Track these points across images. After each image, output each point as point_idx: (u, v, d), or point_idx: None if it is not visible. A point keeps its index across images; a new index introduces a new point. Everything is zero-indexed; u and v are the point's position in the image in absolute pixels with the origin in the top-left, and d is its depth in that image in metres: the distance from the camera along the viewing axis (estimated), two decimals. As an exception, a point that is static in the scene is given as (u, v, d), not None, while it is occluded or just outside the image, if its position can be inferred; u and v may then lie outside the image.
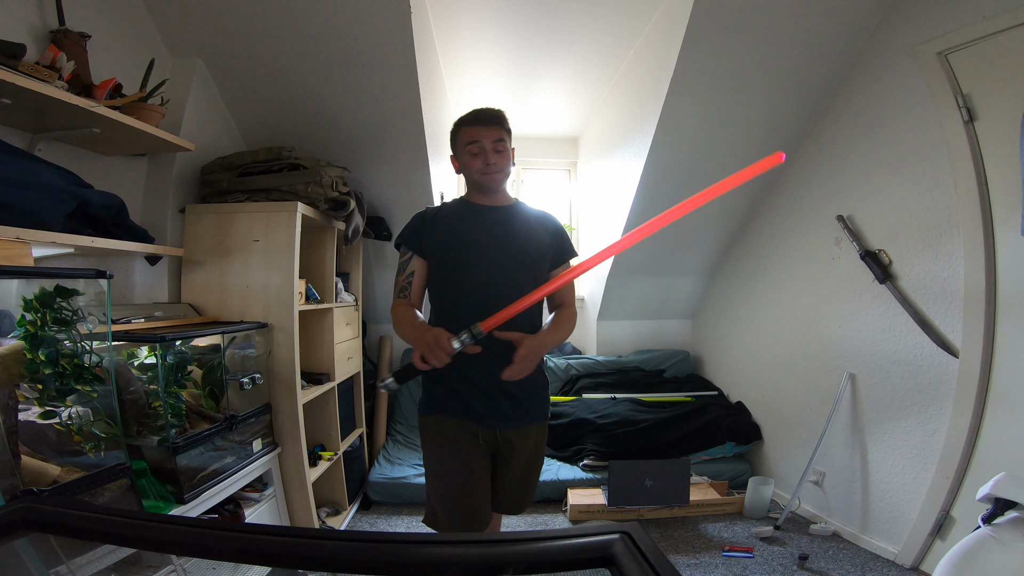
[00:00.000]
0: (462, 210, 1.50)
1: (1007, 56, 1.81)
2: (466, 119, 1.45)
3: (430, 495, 1.47)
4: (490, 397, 1.41)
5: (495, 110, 1.45)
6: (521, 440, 1.47)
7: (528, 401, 1.47)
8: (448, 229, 1.46)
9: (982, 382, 1.96)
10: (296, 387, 2.03)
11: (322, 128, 2.50)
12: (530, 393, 1.48)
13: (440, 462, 1.45)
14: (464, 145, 1.43)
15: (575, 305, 1.55)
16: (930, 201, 2.13)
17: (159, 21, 1.99)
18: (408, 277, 1.46)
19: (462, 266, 1.41)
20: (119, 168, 1.91)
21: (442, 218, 1.48)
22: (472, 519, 1.40)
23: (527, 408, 1.46)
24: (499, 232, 1.45)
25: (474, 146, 1.41)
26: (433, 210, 1.53)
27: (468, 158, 1.43)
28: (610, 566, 0.40)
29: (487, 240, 1.43)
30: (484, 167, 1.42)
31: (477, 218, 1.47)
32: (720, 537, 2.47)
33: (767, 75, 2.38)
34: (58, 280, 1.23)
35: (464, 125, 1.45)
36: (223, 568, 1.54)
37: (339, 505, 2.55)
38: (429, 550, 0.43)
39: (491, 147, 1.41)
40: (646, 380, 3.49)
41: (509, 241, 1.44)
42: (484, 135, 1.41)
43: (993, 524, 1.20)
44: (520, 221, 1.49)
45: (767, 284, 3.04)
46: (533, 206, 1.59)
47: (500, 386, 1.40)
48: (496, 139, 1.41)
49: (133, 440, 1.46)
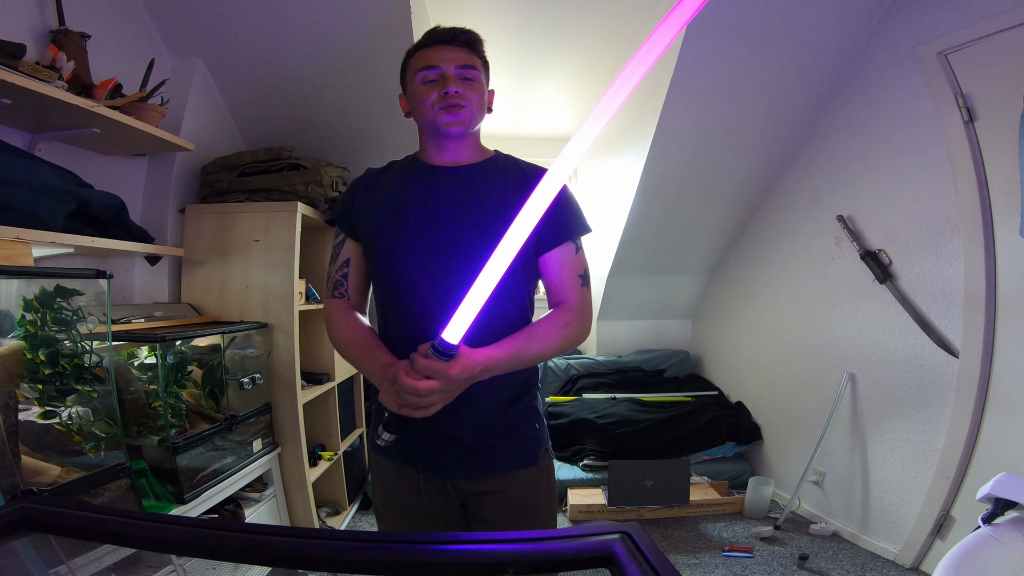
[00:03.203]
0: (408, 172, 1.06)
1: (1007, 56, 1.81)
2: (421, 40, 1.02)
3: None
4: (432, 440, 1.01)
5: (463, 27, 1.02)
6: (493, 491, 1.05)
7: (495, 446, 1.03)
8: (384, 200, 1.03)
9: (982, 382, 1.96)
10: (296, 387, 2.03)
11: (322, 128, 2.50)
12: (498, 435, 1.03)
13: (386, 507, 1.13)
14: (414, 74, 1.00)
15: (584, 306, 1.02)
16: (930, 201, 2.13)
17: (159, 21, 1.99)
18: (342, 268, 1.06)
19: (395, 257, 0.98)
20: (119, 168, 1.91)
21: (381, 185, 1.06)
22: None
23: (494, 454, 1.03)
24: (454, 203, 0.99)
25: (429, 72, 0.98)
26: (375, 172, 1.10)
27: (420, 89, 0.99)
28: (610, 566, 0.40)
29: (434, 216, 0.98)
30: (441, 98, 0.97)
31: (422, 185, 1.02)
32: (720, 537, 2.47)
33: (767, 75, 2.38)
34: (58, 280, 1.23)
35: (418, 49, 1.02)
36: (223, 568, 1.54)
37: (339, 505, 2.55)
38: (429, 550, 0.43)
39: (454, 73, 0.98)
40: (646, 380, 3.49)
41: (467, 216, 0.97)
42: (444, 58, 0.98)
43: (993, 524, 1.20)
44: (490, 186, 1.01)
45: (767, 284, 3.04)
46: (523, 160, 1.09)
47: (442, 427, 0.99)
48: (463, 64, 0.99)
49: (133, 440, 1.46)
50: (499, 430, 1.03)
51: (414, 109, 1.03)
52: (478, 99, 1.01)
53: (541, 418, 1.11)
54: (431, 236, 0.97)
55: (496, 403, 1.03)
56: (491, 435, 1.02)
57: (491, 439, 1.02)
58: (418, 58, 1.01)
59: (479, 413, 1.01)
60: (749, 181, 2.93)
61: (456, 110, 0.97)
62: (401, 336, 0.99)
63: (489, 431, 1.02)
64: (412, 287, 0.98)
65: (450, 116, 0.97)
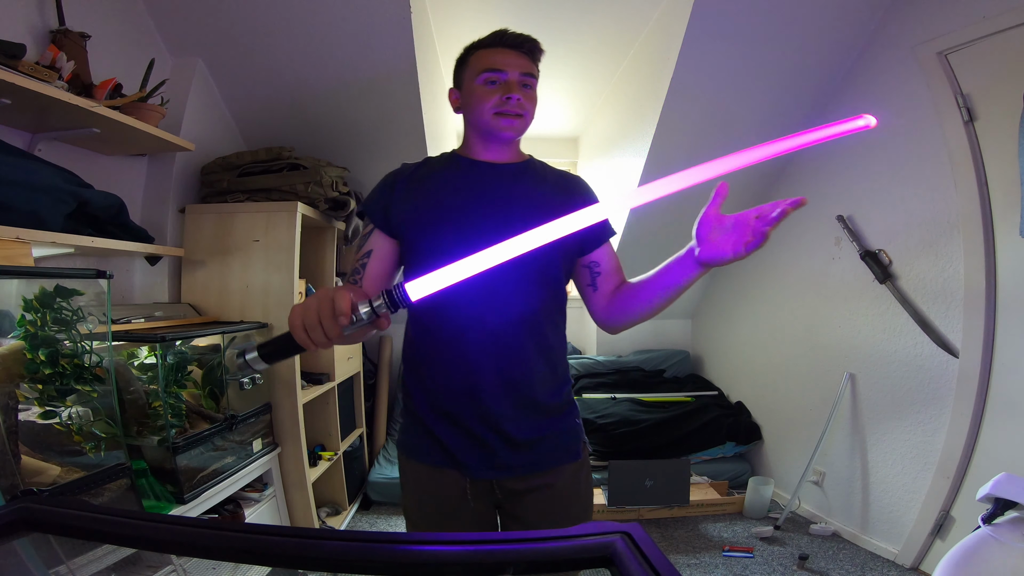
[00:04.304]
0: (449, 167, 1.07)
1: (1007, 56, 1.81)
2: (485, 40, 1.03)
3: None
4: (480, 441, 1.01)
5: (530, 36, 1.03)
6: (535, 490, 1.05)
7: (543, 441, 1.04)
8: (425, 194, 1.03)
9: (982, 382, 1.96)
10: (296, 387, 2.03)
11: (322, 128, 2.50)
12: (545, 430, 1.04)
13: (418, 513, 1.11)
14: (477, 73, 1.01)
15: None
16: (930, 201, 2.13)
17: (159, 21, 1.99)
18: (363, 258, 1.04)
19: (439, 249, 0.96)
20: (119, 168, 1.91)
21: (421, 179, 1.06)
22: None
23: (539, 451, 1.04)
24: (499, 201, 1.01)
25: (493, 75, 0.99)
26: (412, 166, 1.09)
27: (480, 90, 1.00)
28: (610, 566, 0.40)
29: (477, 211, 1.00)
30: (502, 102, 0.99)
31: (468, 179, 1.04)
32: (720, 537, 2.47)
33: (767, 75, 2.38)
34: (58, 280, 1.23)
35: (481, 48, 1.03)
36: (223, 568, 1.55)
37: (339, 505, 2.55)
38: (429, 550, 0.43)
39: (517, 80, 0.99)
40: (646, 380, 3.49)
41: (512, 214, 0.98)
42: (509, 63, 0.99)
43: (993, 524, 1.20)
44: (533, 186, 1.06)
45: (767, 284, 3.04)
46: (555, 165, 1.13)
47: (494, 425, 1.00)
48: (525, 71, 1.01)
49: (133, 440, 1.46)
50: (546, 424, 1.05)
51: (468, 107, 1.04)
52: (533, 108, 1.04)
53: (578, 411, 1.13)
54: (477, 227, 0.96)
55: (544, 396, 1.04)
56: (539, 429, 1.04)
57: (539, 434, 1.04)
58: (482, 58, 1.02)
59: (530, 404, 1.02)
60: (748, 180, 2.93)
61: (515, 117, 1.00)
62: (444, 326, 1.00)
63: (538, 425, 1.03)
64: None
65: (507, 122, 1.00)
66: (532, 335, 1.01)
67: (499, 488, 1.04)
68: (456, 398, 1.01)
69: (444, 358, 1.02)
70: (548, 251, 0.80)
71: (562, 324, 1.10)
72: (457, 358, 1.00)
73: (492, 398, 0.99)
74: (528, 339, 1.01)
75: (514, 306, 0.99)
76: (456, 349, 1.00)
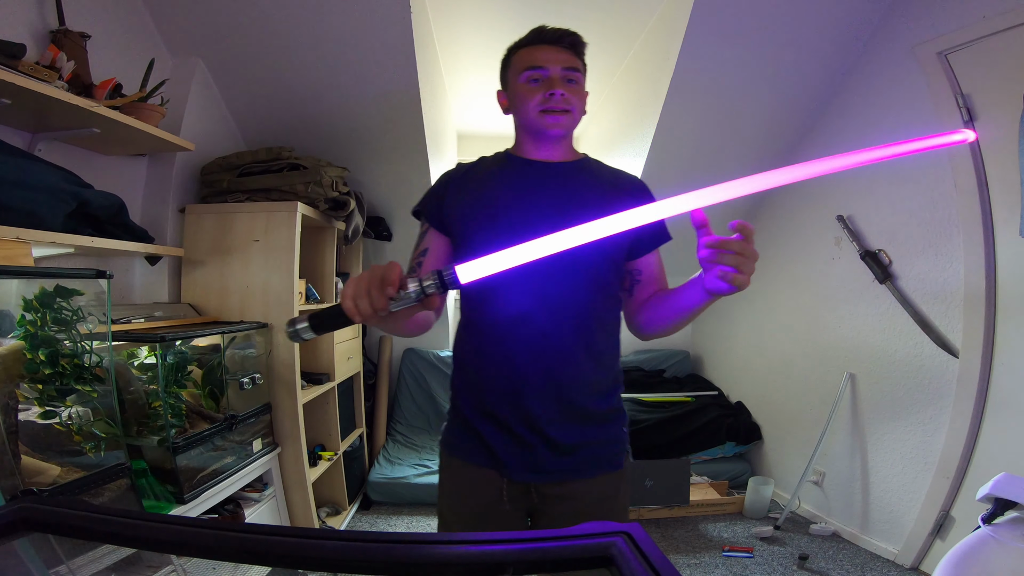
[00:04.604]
0: (502, 166, 1.07)
1: (1007, 56, 1.81)
2: (525, 38, 1.05)
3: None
4: (522, 442, 1.00)
5: (569, 29, 1.04)
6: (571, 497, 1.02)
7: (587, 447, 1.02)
8: (477, 192, 1.04)
9: (982, 382, 1.96)
10: (296, 387, 2.03)
11: (322, 128, 2.50)
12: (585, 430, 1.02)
13: (453, 513, 1.11)
14: (519, 72, 1.02)
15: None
16: (930, 201, 2.13)
17: (159, 21, 1.99)
18: (419, 256, 1.05)
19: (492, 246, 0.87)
20: (119, 168, 1.91)
21: (474, 177, 1.07)
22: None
23: (581, 457, 1.02)
24: (550, 198, 1.00)
25: (535, 72, 1.00)
26: (465, 166, 1.11)
27: (524, 89, 1.01)
28: (610, 566, 0.40)
29: (528, 208, 0.99)
30: (546, 99, 0.99)
31: (520, 178, 1.04)
32: (720, 537, 2.47)
33: (767, 75, 2.38)
34: (58, 280, 1.23)
35: (522, 47, 1.04)
36: (223, 568, 1.54)
37: (339, 505, 2.55)
38: (429, 550, 0.43)
39: (560, 75, 0.99)
40: (646, 380, 3.49)
41: (564, 212, 0.97)
42: (551, 59, 1.00)
43: (993, 524, 1.20)
44: (587, 185, 1.04)
45: (767, 284, 3.04)
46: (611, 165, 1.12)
47: (537, 427, 0.99)
48: (568, 66, 1.00)
49: (133, 440, 1.46)
50: (591, 431, 1.03)
51: (515, 107, 1.04)
52: (580, 102, 1.03)
53: (627, 419, 1.10)
54: (528, 224, 0.92)
55: (591, 401, 1.02)
56: (583, 435, 1.02)
57: (582, 439, 1.02)
58: (523, 56, 1.02)
59: (577, 410, 1.00)
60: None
61: (560, 114, 1.00)
62: (493, 324, 1.00)
63: (584, 429, 1.02)
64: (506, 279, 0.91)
65: (553, 119, 1.00)
66: (582, 337, 0.99)
67: (536, 492, 1.02)
68: (500, 397, 1.00)
69: (491, 357, 1.02)
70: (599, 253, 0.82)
71: (615, 328, 1.07)
72: (503, 357, 1.00)
73: (536, 399, 0.98)
74: (578, 341, 0.99)
75: (564, 307, 0.98)
76: (503, 348, 1.00)
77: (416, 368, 3.44)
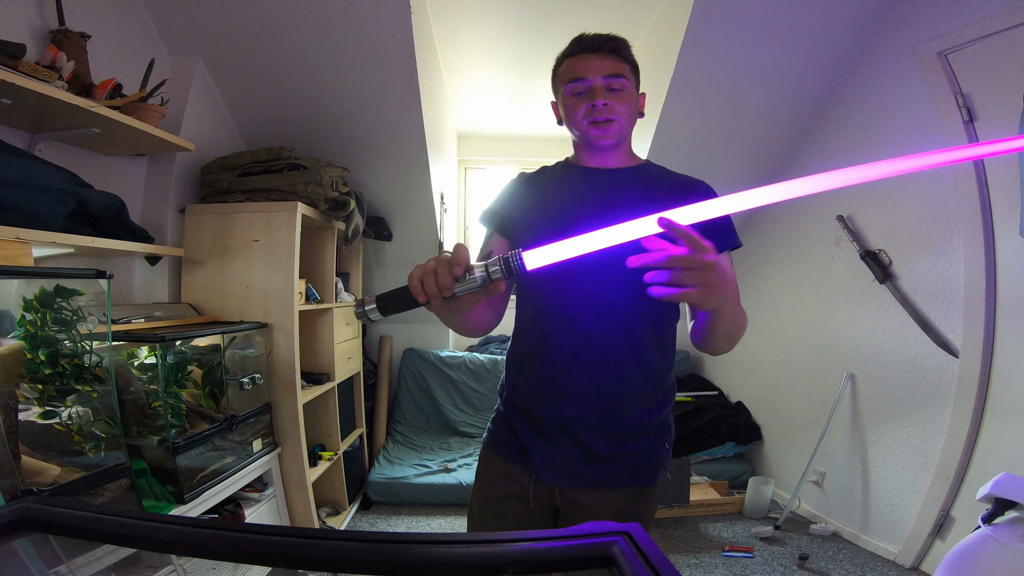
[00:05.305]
0: (563, 173, 1.09)
1: (1007, 56, 1.81)
2: (567, 49, 1.04)
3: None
4: (553, 442, 0.99)
5: (609, 34, 1.02)
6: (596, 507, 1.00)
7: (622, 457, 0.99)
8: (538, 198, 1.05)
9: (982, 382, 1.96)
10: (296, 387, 2.03)
11: (322, 128, 2.50)
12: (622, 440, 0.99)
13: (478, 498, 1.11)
14: (564, 84, 1.02)
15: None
16: (930, 201, 2.13)
17: (159, 21, 1.99)
18: (484, 259, 1.06)
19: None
20: (119, 168, 1.91)
21: (535, 184, 1.08)
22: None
23: (614, 468, 0.99)
24: (608, 204, 1.00)
25: (577, 84, 1.00)
26: (529, 175, 1.12)
27: (570, 102, 1.02)
28: (610, 566, 0.40)
29: (585, 214, 0.97)
30: (590, 111, 0.99)
31: (578, 183, 1.05)
32: (720, 537, 2.47)
33: (767, 75, 2.38)
34: (58, 280, 1.23)
35: (566, 58, 1.04)
36: (223, 568, 1.54)
37: (339, 505, 2.55)
38: (429, 550, 0.43)
39: (601, 84, 0.98)
40: (646, 380, 3.49)
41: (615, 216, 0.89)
42: (591, 68, 0.99)
43: (993, 524, 1.20)
44: (644, 190, 1.02)
45: (767, 284, 3.04)
46: (675, 171, 1.08)
47: (571, 431, 0.98)
48: (610, 73, 0.99)
49: (133, 440, 1.46)
50: (631, 443, 1.00)
51: (565, 119, 1.06)
52: (627, 109, 1.01)
53: (671, 435, 1.06)
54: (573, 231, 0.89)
55: (636, 412, 1.00)
56: (621, 446, 0.99)
57: (620, 451, 0.99)
58: (567, 68, 1.02)
59: (617, 418, 0.98)
60: (749, 180, 2.93)
61: (605, 125, 0.99)
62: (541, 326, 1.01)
63: (622, 439, 0.99)
64: (554, 280, 0.95)
65: (599, 131, 1.00)
66: (630, 345, 0.98)
67: (560, 495, 1.02)
68: (538, 397, 1.01)
69: (534, 356, 1.03)
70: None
71: (669, 340, 1.05)
72: (547, 357, 1.00)
73: (576, 403, 0.97)
74: (624, 347, 0.97)
75: (611, 310, 0.97)
76: (546, 347, 1.00)
77: (416, 368, 3.44)
